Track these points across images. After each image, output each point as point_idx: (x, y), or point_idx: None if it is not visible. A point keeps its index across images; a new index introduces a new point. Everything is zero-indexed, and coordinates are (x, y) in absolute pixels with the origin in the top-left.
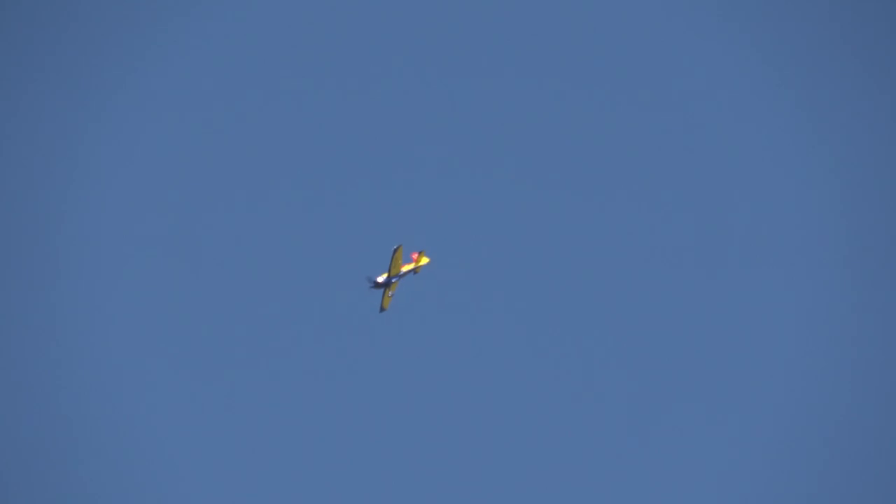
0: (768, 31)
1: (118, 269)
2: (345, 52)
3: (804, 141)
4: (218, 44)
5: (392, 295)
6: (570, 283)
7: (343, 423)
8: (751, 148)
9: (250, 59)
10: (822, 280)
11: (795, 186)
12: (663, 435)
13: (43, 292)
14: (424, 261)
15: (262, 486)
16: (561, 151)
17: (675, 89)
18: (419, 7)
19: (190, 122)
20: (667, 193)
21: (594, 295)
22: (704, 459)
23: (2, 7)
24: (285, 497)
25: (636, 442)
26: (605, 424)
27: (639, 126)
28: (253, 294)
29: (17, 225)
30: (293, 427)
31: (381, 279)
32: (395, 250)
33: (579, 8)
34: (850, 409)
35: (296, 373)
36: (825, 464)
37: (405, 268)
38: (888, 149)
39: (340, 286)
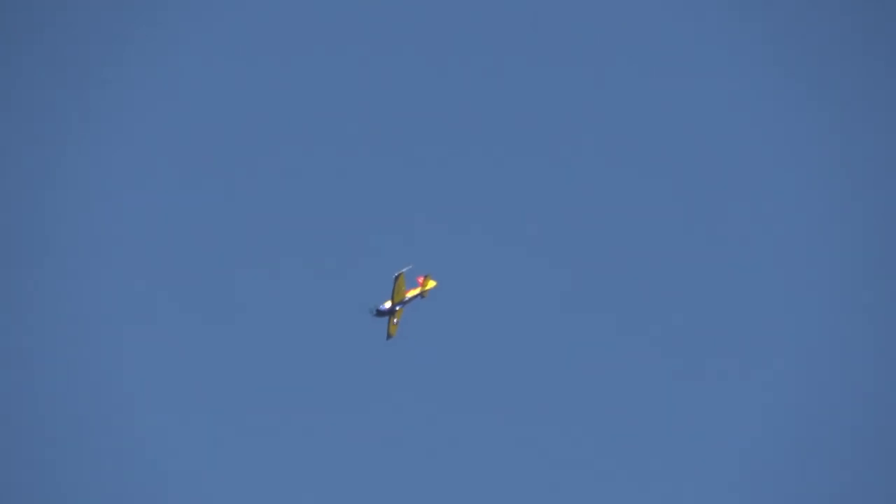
0: (776, 28)
1: (116, 271)
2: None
3: (809, 140)
4: (214, 43)
5: (398, 322)
6: (580, 295)
7: (352, 455)
8: (754, 148)
9: (243, 59)
10: (828, 280)
11: (799, 184)
12: (666, 434)
13: (37, 293)
14: (431, 284)
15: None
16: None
17: (679, 89)
18: (421, 7)
19: (187, 124)
20: (671, 192)
21: (605, 311)
22: (707, 462)
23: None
24: None
25: (640, 444)
26: (619, 445)
27: (640, 127)
28: (255, 328)
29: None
30: (301, 462)
31: (385, 307)
32: (397, 278)
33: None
34: (853, 412)
35: (301, 406)
36: (829, 465)
37: (411, 293)
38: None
39: (345, 314)
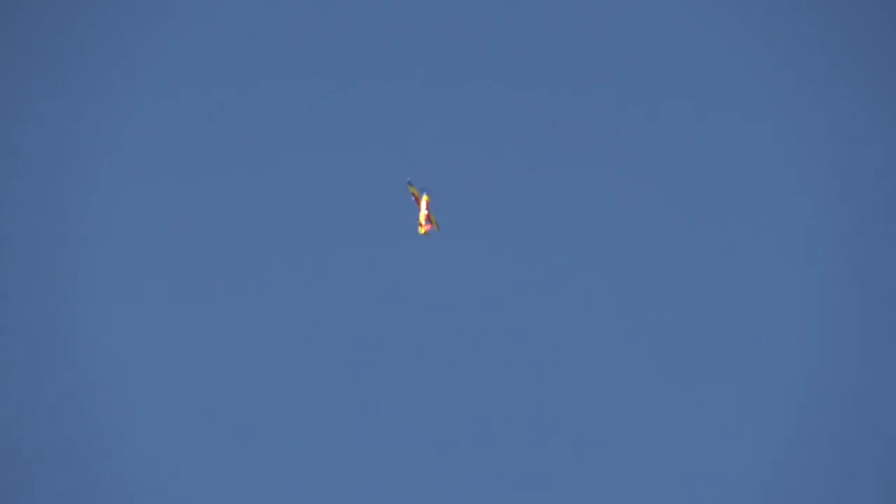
0: (777, 26)
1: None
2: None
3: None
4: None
5: (427, 221)
6: (578, 274)
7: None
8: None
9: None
10: (828, 280)
11: (799, 180)
12: (666, 428)
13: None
14: (426, 227)
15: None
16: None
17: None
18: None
19: (185, 122)
20: (670, 188)
21: (599, 285)
22: (707, 459)
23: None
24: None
25: (638, 436)
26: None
27: (641, 122)
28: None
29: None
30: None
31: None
32: (409, 183)
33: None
34: (854, 412)
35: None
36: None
37: (423, 209)
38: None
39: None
